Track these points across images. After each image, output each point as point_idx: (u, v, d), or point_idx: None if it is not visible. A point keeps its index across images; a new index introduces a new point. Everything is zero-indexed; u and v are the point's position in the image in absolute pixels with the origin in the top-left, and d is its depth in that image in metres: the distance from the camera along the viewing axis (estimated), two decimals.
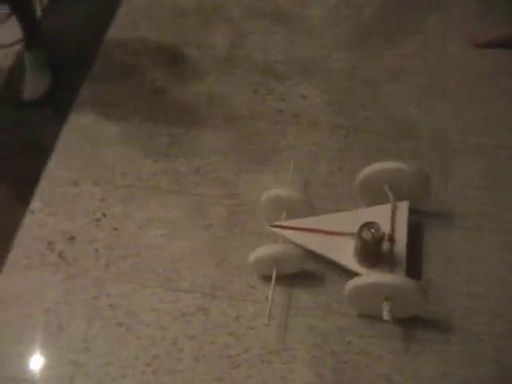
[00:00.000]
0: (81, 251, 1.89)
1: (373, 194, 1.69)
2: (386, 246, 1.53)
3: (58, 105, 2.27)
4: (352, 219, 1.54)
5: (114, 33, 2.50)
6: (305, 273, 1.73)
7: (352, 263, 1.56)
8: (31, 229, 1.94)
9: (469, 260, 1.75)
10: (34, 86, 2.28)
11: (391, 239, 1.54)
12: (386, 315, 1.45)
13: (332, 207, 1.85)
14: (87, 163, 2.09)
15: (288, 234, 1.64)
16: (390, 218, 1.57)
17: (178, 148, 2.10)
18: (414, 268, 1.67)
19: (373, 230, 1.47)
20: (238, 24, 2.47)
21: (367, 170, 1.66)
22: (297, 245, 1.63)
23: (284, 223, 1.65)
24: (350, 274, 1.58)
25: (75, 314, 1.77)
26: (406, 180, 1.62)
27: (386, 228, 1.53)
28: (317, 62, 2.31)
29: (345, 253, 1.57)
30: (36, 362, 1.70)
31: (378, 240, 1.47)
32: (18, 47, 2.41)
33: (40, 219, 1.97)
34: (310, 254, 1.67)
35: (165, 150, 2.10)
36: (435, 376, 1.57)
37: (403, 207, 1.60)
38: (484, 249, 1.77)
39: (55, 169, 2.09)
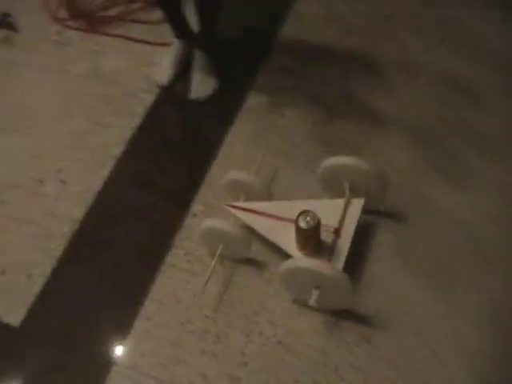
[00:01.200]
0: (240, 263, 1.86)
1: (332, 186, 1.74)
2: (330, 238, 1.59)
3: (222, 108, 2.26)
4: (303, 208, 1.55)
5: (280, 42, 2.50)
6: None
7: (292, 249, 1.61)
8: (192, 232, 1.93)
9: (415, 265, 1.80)
10: (200, 86, 2.30)
11: (337, 232, 1.60)
12: (312, 301, 1.50)
13: (294, 197, 1.85)
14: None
15: (239, 214, 1.72)
16: (341, 213, 1.62)
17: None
18: (356, 264, 1.76)
19: (308, 218, 1.51)
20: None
21: (327, 163, 1.69)
22: (246, 227, 1.71)
23: (237, 203, 1.75)
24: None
25: (234, 325, 1.74)
26: (364, 178, 1.65)
27: (334, 221, 1.61)
28: None
29: (288, 239, 1.62)
30: (189, 369, 1.68)
31: (313, 227, 1.50)
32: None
33: (194, 225, 1.96)
34: (257, 243, 1.78)
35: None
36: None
37: (357, 204, 1.65)
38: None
39: (217, 172, 2.07)
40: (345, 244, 1.60)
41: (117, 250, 1.87)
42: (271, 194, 1.83)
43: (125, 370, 1.66)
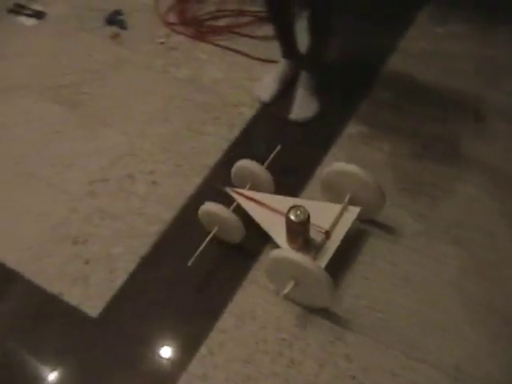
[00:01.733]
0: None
1: (333, 192, 1.83)
2: (320, 238, 1.68)
3: (319, 132, 2.27)
4: (284, 200, 1.67)
5: (385, 74, 2.49)
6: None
7: (282, 241, 1.69)
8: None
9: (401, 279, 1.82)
10: (302, 108, 2.32)
11: (327, 234, 1.68)
12: (285, 291, 1.58)
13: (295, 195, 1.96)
14: None
15: (240, 199, 1.83)
16: (335, 217, 1.71)
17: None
18: (342, 268, 1.85)
19: (298, 212, 1.58)
20: None
21: (331, 168, 1.79)
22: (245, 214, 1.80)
23: (240, 190, 1.85)
24: None
25: (309, 352, 1.72)
26: (364, 188, 1.74)
27: (327, 224, 1.69)
28: None
29: (280, 231, 1.69)
30: None
31: (302, 222, 1.58)
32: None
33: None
34: (250, 232, 1.83)
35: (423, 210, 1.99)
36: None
37: (353, 211, 1.74)
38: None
39: (307, 195, 2.06)
40: (332, 246, 1.67)
41: (202, 257, 1.85)
42: (275, 188, 1.90)
43: (195, 379, 1.68)
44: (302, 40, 2.25)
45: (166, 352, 1.75)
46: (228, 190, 1.89)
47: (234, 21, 2.73)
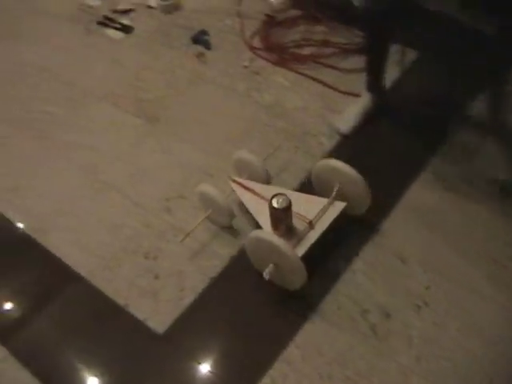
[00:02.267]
0: (393, 332, 1.81)
1: (323, 186, 1.94)
2: (303, 227, 1.80)
3: (395, 173, 2.26)
4: (289, 196, 1.73)
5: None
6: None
7: (267, 227, 1.80)
8: (348, 288, 1.91)
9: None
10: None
11: (310, 224, 1.80)
12: (265, 274, 1.71)
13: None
14: (422, 242, 2.02)
15: (236, 187, 1.98)
16: (321, 209, 1.82)
17: None
18: (323, 259, 1.94)
19: (280, 200, 1.70)
20: None
21: (321, 163, 1.92)
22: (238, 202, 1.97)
23: (237, 179, 1.99)
24: None
25: None
26: (351, 185, 1.86)
27: (312, 215, 1.81)
28: None
29: (267, 218, 1.79)
30: None
31: (283, 209, 1.70)
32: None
33: (359, 281, 1.94)
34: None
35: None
36: None
37: (338, 206, 1.86)
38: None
39: (386, 236, 2.04)
40: (314, 236, 1.77)
41: (270, 287, 1.86)
42: (271, 180, 2.04)
43: None
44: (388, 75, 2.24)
45: (229, 378, 1.73)
46: (228, 178, 2.03)
47: (318, 50, 2.73)
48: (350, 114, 2.35)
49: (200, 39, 2.82)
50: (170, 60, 2.80)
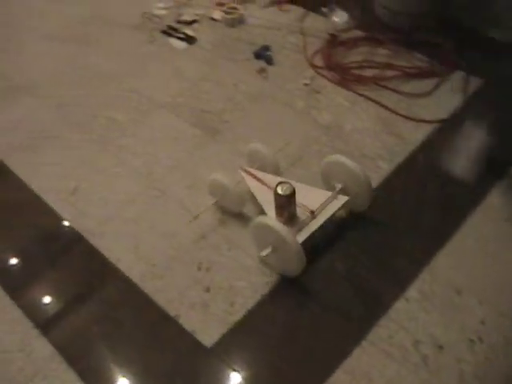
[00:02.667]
0: (446, 365, 1.78)
1: (330, 181, 2.07)
2: (305, 216, 1.93)
3: (466, 199, 2.19)
4: (294, 186, 1.86)
5: None
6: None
7: (272, 214, 1.93)
8: (401, 316, 1.90)
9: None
10: None
11: (312, 214, 1.94)
12: (263, 253, 1.84)
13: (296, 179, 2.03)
14: (478, 273, 2.00)
15: (246, 177, 2.11)
16: (324, 201, 1.96)
17: None
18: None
19: (285, 187, 1.84)
20: None
21: (329, 159, 2.04)
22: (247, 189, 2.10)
23: (248, 168, 2.13)
24: None
25: None
26: (355, 181, 1.99)
27: (315, 206, 1.95)
28: None
29: (272, 205, 1.92)
30: None
31: (287, 196, 1.83)
32: None
33: (413, 311, 1.92)
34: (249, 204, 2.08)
35: None
36: None
37: (341, 199, 1.99)
38: None
39: (444, 266, 2.02)
40: (315, 225, 1.89)
41: (321, 308, 1.88)
42: (280, 171, 2.16)
43: None
44: None
45: None
46: (240, 168, 2.15)
47: (379, 73, 2.72)
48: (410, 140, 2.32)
49: (262, 54, 2.84)
50: (231, 73, 2.82)
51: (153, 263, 2.06)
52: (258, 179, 2.08)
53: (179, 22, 3.22)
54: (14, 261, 2.19)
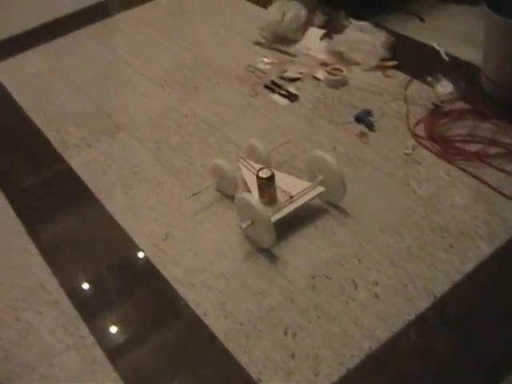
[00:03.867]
0: None
1: (312, 173, 2.43)
2: (284, 199, 2.33)
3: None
4: (280, 176, 2.37)
5: None
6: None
7: (256, 196, 2.32)
8: None
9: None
10: None
11: (291, 198, 2.33)
12: (243, 225, 2.23)
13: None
14: None
15: (242, 166, 2.51)
16: (301, 190, 2.34)
17: None
18: (296, 231, 2.42)
19: (265, 171, 2.27)
20: None
21: (312, 153, 2.40)
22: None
23: (245, 159, 2.55)
24: None
25: None
26: (332, 175, 2.37)
27: (295, 192, 2.35)
28: None
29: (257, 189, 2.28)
30: None
31: (266, 178, 2.27)
32: None
33: None
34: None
35: None
36: None
37: (318, 189, 2.37)
38: None
39: None
40: (290, 207, 2.29)
41: None
42: (270, 164, 2.48)
43: None
44: None
45: None
46: (239, 158, 2.57)
47: (484, 149, 2.68)
48: None
49: (363, 119, 2.86)
50: (330, 135, 2.86)
51: (240, 322, 2.07)
52: (249, 169, 2.47)
53: (282, 78, 3.29)
54: (90, 290, 2.34)
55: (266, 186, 2.28)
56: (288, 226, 2.44)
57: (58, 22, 4.40)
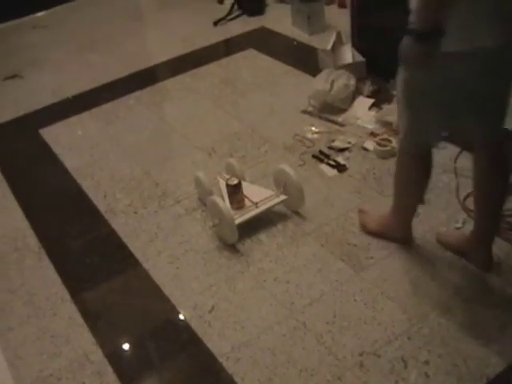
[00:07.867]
0: None
1: (278, 184, 2.92)
2: (251, 206, 2.88)
3: None
4: (248, 186, 2.96)
5: None
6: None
7: (227, 202, 2.82)
8: None
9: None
10: None
11: (256, 204, 2.86)
12: (211, 224, 2.83)
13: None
14: None
15: (220, 180, 3.07)
16: (266, 198, 2.88)
17: None
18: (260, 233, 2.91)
19: (232, 179, 2.80)
20: None
21: (278, 167, 2.95)
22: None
23: (223, 175, 3.13)
24: None
25: None
26: (293, 186, 2.90)
27: (259, 199, 2.89)
28: None
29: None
30: None
31: (233, 185, 2.83)
32: None
33: None
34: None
35: None
36: None
37: (280, 197, 2.91)
38: None
39: None
40: (253, 212, 2.82)
41: None
42: (245, 179, 2.98)
43: None
44: None
45: None
46: (217, 173, 3.05)
47: None
48: None
49: None
50: (379, 207, 2.93)
51: None
52: (224, 180, 2.90)
53: (331, 147, 3.40)
54: (134, 362, 2.45)
55: (233, 192, 2.78)
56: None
57: (107, 86, 4.63)
